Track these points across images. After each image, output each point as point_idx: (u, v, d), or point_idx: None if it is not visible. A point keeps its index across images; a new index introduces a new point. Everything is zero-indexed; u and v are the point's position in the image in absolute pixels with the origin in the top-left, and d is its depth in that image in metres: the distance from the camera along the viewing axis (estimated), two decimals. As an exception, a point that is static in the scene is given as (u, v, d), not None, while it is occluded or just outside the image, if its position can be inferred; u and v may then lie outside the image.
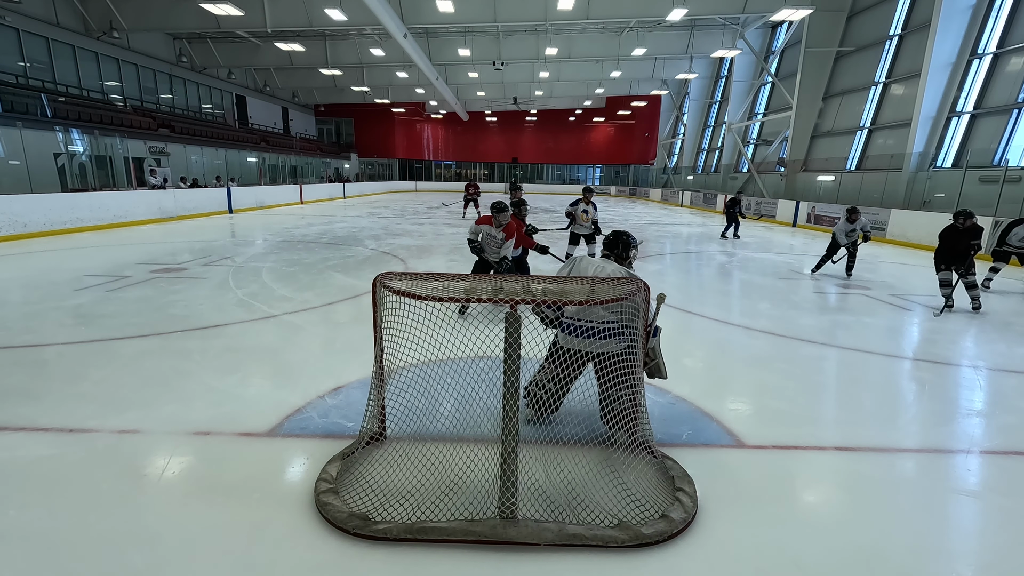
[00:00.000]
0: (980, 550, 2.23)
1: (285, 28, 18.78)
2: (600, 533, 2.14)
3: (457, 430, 2.91)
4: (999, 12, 13.05)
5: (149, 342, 4.54)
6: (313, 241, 11.32)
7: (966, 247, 6.11)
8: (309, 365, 4.05)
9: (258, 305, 5.83)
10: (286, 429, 3.04)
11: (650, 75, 28.78)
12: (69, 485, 2.48)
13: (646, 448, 2.69)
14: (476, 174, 45.36)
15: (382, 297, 2.57)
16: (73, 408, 3.25)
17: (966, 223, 6.16)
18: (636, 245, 3.19)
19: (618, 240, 3.16)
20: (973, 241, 6.07)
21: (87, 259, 8.51)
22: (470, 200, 17.42)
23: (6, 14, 15.78)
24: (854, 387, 4.02)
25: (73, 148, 15.46)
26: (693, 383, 3.89)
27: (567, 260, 3.98)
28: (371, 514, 2.24)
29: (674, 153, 35.34)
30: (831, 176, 18.08)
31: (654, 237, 13.66)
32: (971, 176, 12.34)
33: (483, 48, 24.38)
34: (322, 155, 34.52)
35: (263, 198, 20.68)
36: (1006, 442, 3.15)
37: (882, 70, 16.87)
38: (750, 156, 24.08)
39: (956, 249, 6.20)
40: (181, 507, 2.34)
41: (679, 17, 16.65)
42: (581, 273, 3.01)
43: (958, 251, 6.18)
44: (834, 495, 2.60)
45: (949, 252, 6.27)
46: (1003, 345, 5.11)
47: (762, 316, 5.91)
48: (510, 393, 2.20)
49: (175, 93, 24.18)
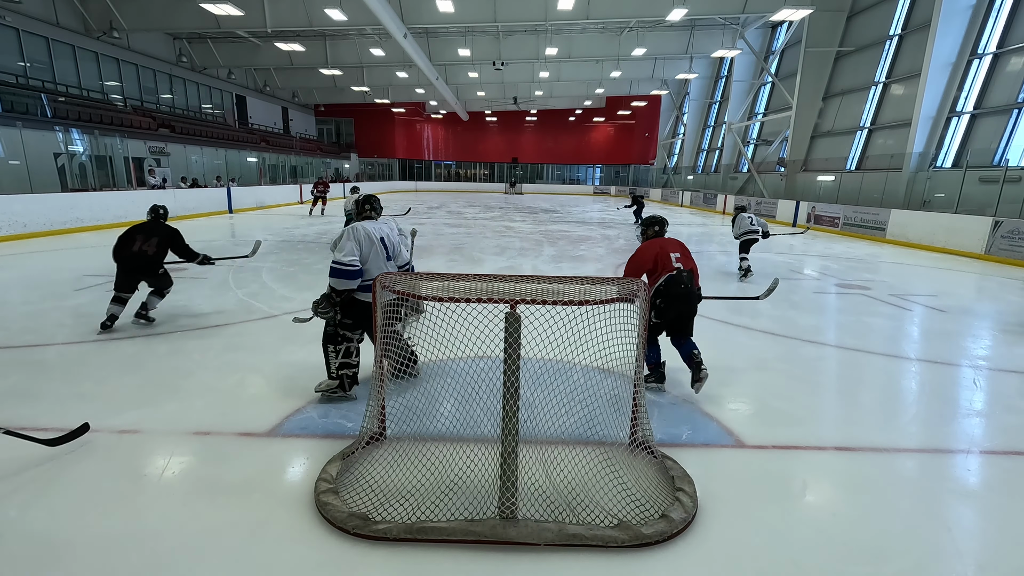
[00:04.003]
0: (980, 550, 2.23)
1: (285, 28, 18.78)
2: (600, 533, 2.14)
3: (457, 430, 2.90)
4: (999, 12, 13.04)
5: (149, 342, 4.54)
6: (313, 241, 11.32)
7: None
8: (309, 365, 4.05)
9: (258, 305, 5.83)
10: (286, 429, 3.04)
11: (650, 75, 28.77)
12: (69, 485, 2.48)
13: (646, 448, 2.69)
14: (476, 174, 45.39)
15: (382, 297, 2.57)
16: (73, 408, 3.25)
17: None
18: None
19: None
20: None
21: (87, 259, 8.51)
22: (318, 198, 17.89)
23: (6, 14, 15.78)
24: (854, 387, 4.02)
25: (73, 148, 15.45)
26: (693, 383, 3.88)
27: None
28: (371, 514, 2.24)
29: (674, 153, 35.33)
30: (831, 176, 18.07)
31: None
32: (971, 176, 12.34)
33: (483, 48, 24.37)
34: (322, 155, 34.50)
35: (263, 198, 20.68)
36: (1006, 442, 3.15)
37: (882, 70, 16.87)
38: (750, 156, 24.07)
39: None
40: (181, 507, 2.34)
41: (679, 17, 16.64)
42: None
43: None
44: (834, 495, 2.60)
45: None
46: (1003, 345, 5.11)
47: (762, 316, 5.91)
48: (510, 393, 2.20)
49: (175, 93, 24.18)
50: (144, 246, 4.75)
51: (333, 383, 3.41)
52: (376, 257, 3.39)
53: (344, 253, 3.25)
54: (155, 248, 4.79)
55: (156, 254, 4.79)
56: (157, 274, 4.86)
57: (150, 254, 4.75)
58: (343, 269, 3.21)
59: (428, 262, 9.04)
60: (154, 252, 4.78)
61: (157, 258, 4.80)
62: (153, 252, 4.77)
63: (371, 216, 3.63)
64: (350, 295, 3.31)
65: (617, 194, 40.42)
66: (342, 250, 3.27)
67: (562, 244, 11.83)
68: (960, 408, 3.66)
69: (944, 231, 11.88)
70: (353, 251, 3.26)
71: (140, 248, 4.73)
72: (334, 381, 3.41)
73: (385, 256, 3.47)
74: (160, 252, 4.83)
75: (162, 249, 4.84)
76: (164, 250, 4.86)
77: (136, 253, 4.71)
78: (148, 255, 4.74)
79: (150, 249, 4.76)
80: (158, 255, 4.81)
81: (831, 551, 2.14)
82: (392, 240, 3.61)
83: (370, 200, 3.73)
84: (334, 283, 3.24)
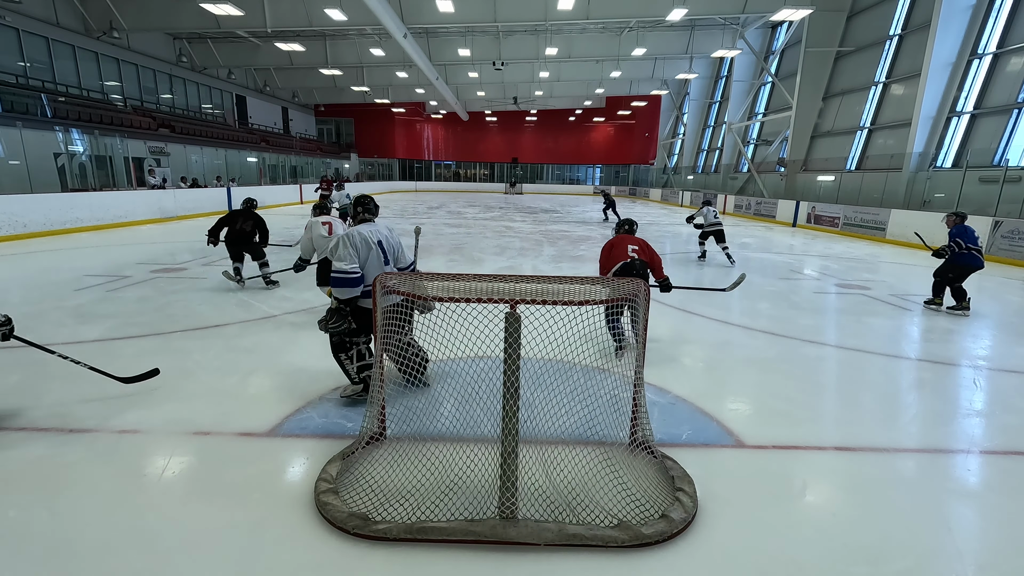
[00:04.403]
0: (980, 550, 2.23)
1: (285, 28, 18.78)
2: (600, 533, 2.14)
3: (457, 430, 2.90)
4: (999, 12, 13.04)
5: (149, 342, 4.54)
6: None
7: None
8: (309, 365, 4.05)
9: (258, 305, 5.83)
10: (286, 429, 3.04)
11: (650, 75, 28.77)
12: (69, 485, 2.48)
13: (646, 448, 2.69)
14: (476, 174, 45.40)
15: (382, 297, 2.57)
16: (73, 408, 3.25)
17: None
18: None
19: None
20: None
21: (87, 259, 8.51)
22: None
23: (6, 14, 15.78)
24: (854, 387, 4.02)
25: (73, 148, 15.45)
26: (693, 383, 3.89)
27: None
28: (371, 514, 2.24)
29: (674, 153, 35.32)
30: (831, 176, 18.07)
31: (654, 237, 13.66)
32: (971, 176, 12.34)
33: (483, 48, 24.37)
34: (322, 155, 34.50)
35: (263, 198, 20.62)
36: (1006, 442, 3.15)
37: (882, 70, 16.87)
38: (750, 156, 24.07)
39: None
40: (181, 507, 2.34)
41: (679, 17, 16.64)
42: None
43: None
44: (834, 495, 2.60)
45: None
46: (1003, 345, 5.11)
47: (762, 316, 5.91)
48: (510, 393, 2.20)
49: (175, 93, 24.18)
50: (243, 225, 6.50)
51: (358, 387, 3.38)
52: (374, 261, 3.30)
53: (344, 261, 3.14)
54: (251, 227, 6.55)
55: (251, 232, 6.55)
56: (252, 243, 6.59)
57: (247, 231, 6.51)
58: (344, 277, 3.14)
59: (428, 262, 9.04)
60: (250, 230, 6.54)
61: (252, 234, 6.57)
62: (249, 230, 6.54)
63: (367, 219, 3.46)
64: (355, 302, 3.25)
65: (617, 194, 40.41)
66: (341, 258, 3.16)
67: (562, 244, 11.83)
68: (960, 408, 3.66)
69: (944, 231, 11.84)
70: (352, 258, 3.16)
71: (240, 227, 6.48)
72: (358, 385, 3.38)
73: (383, 260, 3.36)
74: (253, 231, 6.57)
75: (254, 229, 6.59)
76: (255, 230, 6.59)
77: (239, 230, 6.47)
78: (246, 231, 6.51)
79: (247, 227, 6.52)
80: (252, 232, 6.56)
81: (831, 551, 2.14)
82: (391, 242, 3.50)
83: (362, 201, 3.49)
84: (338, 293, 3.17)
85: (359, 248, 3.22)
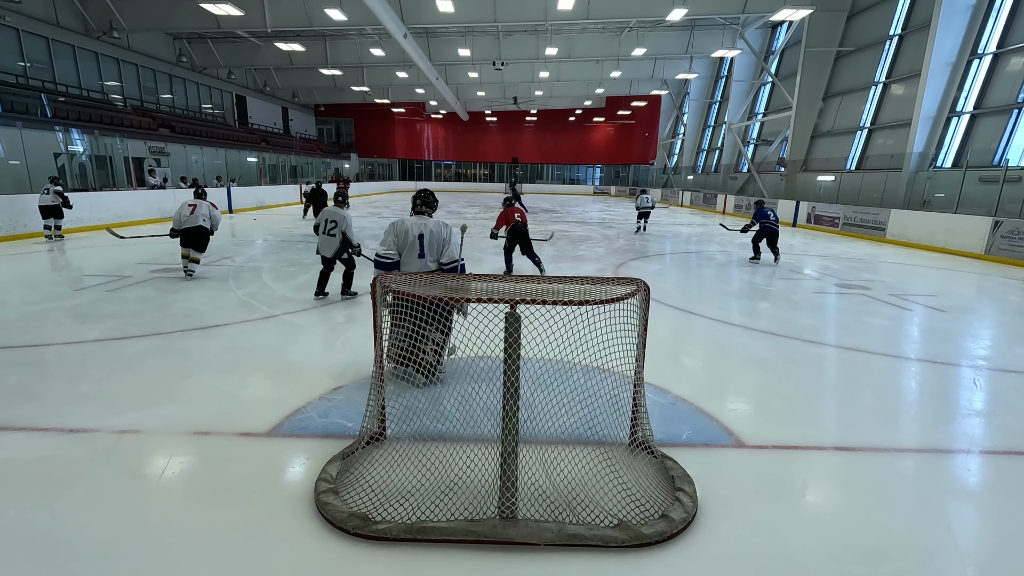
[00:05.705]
0: (980, 550, 2.23)
1: (285, 28, 18.78)
2: (600, 533, 2.14)
3: (457, 430, 2.90)
4: (999, 12, 13.04)
5: (149, 342, 4.54)
6: (313, 241, 11.29)
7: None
8: (309, 365, 4.05)
9: (258, 305, 5.83)
10: (286, 429, 3.04)
11: (650, 75, 28.77)
12: (69, 485, 2.48)
13: (646, 448, 2.69)
14: (476, 174, 45.40)
15: (382, 297, 2.57)
16: (73, 408, 3.25)
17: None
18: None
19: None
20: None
21: (87, 259, 8.51)
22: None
23: (6, 14, 15.77)
24: (854, 387, 4.02)
25: (73, 148, 15.45)
26: (693, 383, 3.89)
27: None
28: (371, 514, 2.24)
29: (674, 153, 35.33)
30: (831, 176, 18.07)
31: (655, 237, 13.66)
32: (971, 176, 12.34)
33: (483, 48, 24.37)
34: (322, 155, 34.51)
35: (263, 198, 20.69)
36: (1006, 442, 3.15)
37: (882, 70, 16.86)
38: (750, 156, 24.07)
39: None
40: (181, 507, 2.34)
41: (679, 17, 16.65)
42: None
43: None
44: (834, 495, 2.60)
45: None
46: (1003, 345, 5.12)
47: (762, 316, 5.91)
48: (510, 393, 2.20)
49: (175, 93, 24.17)
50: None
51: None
52: (410, 253, 3.55)
53: (384, 246, 3.49)
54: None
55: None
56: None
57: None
58: (378, 261, 3.49)
59: (428, 262, 9.02)
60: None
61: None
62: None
63: (422, 211, 3.74)
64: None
65: (617, 194, 40.46)
66: (383, 243, 3.52)
67: (562, 244, 11.83)
68: (960, 408, 3.66)
69: (944, 231, 11.88)
70: (392, 244, 3.47)
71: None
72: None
73: (418, 252, 3.58)
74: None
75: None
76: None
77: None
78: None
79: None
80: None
81: (831, 551, 2.14)
82: (437, 238, 3.67)
83: (420, 195, 3.81)
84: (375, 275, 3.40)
85: (399, 236, 3.54)
